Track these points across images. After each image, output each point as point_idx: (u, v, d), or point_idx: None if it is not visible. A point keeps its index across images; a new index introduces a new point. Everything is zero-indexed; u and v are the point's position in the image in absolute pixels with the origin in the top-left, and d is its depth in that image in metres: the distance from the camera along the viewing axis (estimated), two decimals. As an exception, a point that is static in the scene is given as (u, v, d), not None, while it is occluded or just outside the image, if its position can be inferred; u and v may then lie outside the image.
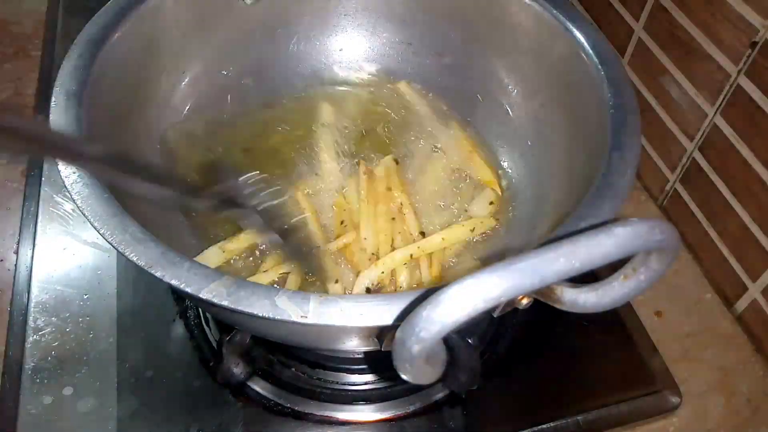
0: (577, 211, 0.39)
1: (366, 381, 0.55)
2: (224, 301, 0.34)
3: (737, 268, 0.61)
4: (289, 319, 0.33)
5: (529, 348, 0.58)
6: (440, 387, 0.54)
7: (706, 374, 0.58)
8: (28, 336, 0.57)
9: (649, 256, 0.30)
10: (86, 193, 0.39)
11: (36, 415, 0.52)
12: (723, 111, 0.59)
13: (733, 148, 0.59)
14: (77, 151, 0.36)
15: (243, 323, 0.46)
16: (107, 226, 0.37)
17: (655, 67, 0.67)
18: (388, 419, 0.53)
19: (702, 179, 0.64)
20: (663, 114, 0.68)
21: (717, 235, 0.64)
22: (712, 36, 0.58)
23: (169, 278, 0.35)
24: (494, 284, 0.25)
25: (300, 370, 0.55)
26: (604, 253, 0.26)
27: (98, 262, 0.62)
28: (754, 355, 0.60)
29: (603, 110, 0.46)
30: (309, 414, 0.53)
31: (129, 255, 0.36)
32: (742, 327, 0.62)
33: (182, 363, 0.55)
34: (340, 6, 0.64)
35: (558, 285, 0.33)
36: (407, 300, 0.33)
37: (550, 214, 0.52)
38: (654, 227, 0.27)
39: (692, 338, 0.61)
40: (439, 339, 0.26)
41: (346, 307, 0.33)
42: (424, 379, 0.30)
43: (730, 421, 0.56)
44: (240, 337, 0.52)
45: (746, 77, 0.56)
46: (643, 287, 0.31)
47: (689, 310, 0.63)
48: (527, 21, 0.55)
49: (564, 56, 0.52)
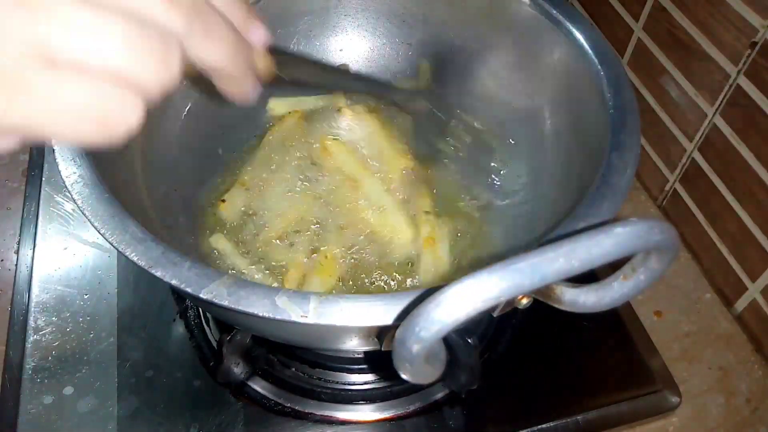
0: (577, 211, 0.39)
1: (366, 380, 0.55)
2: (224, 301, 0.33)
3: (737, 268, 0.61)
4: (289, 318, 0.33)
5: (529, 348, 0.58)
6: (440, 387, 0.54)
7: (705, 374, 0.58)
8: (28, 336, 0.57)
9: (648, 256, 0.30)
10: (87, 193, 0.39)
11: (36, 415, 0.52)
12: (722, 111, 0.59)
13: (732, 148, 0.59)
14: None
15: (243, 323, 0.46)
16: (107, 226, 0.37)
17: (655, 68, 0.67)
18: (388, 419, 0.53)
19: (701, 179, 0.64)
20: (662, 114, 0.68)
21: (716, 235, 0.64)
22: (712, 36, 0.58)
23: (169, 278, 0.35)
24: (494, 284, 0.25)
25: (300, 369, 0.55)
26: (604, 253, 0.26)
27: (98, 262, 0.62)
28: (753, 355, 0.60)
29: (602, 110, 0.46)
30: (309, 414, 0.53)
31: (129, 255, 0.36)
32: (742, 327, 0.62)
33: (182, 363, 0.55)
34: (340, 6, 0.64)
35: (558, 285, 0.33)
36: (407, 300, 0.33)
37: (549, 214, 0.52)
38: (653, 227, 0.27)
39: (692, 338, 0.61)
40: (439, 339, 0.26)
41: (346, 307, 0.33)
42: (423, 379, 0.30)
43: (729, 420, 0.56)
44: (240, 336, 0.52)
45: (746, 77, 0.56)
46: (643, 287, 0.31)
47: (689, 310, 0.63)
48: (527, 21, 0.55)
49: (563, 56, 0.52)
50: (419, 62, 0.67)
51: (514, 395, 0.55)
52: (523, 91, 0.59)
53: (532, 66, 0.57)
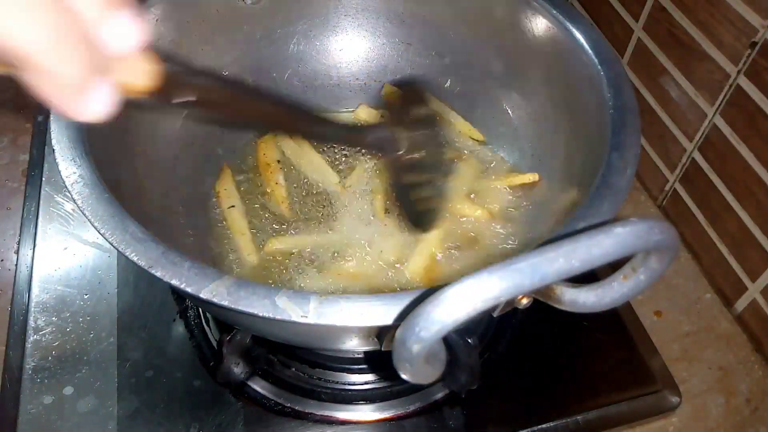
0: (577, 210, 0.39)
1: (366, 381, 0.55)
2: (224, 300, 0.33)
3: (737, 268, 0.61)
4: (289, 318, 0.33)
5: (529, 348, 0.58)
6: (440, 387, 0.54)
7: (705, 374, 0.58)
8: (28, 336, 0.57)
9: (648, 256, 0.30)
10: (87, 193, 0.39)
11: (36, 415, 0.52)
12: (722, 111, 0.59)
13: (732, 148, 0.58)
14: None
15: (243, 323, 0.46)
16: (107, 226, 0.37)
17: (655, 67, 0.67)
18: (388, 419, 0.53)
19: (701, 179, 0.64)
20: (662, 114, 0.68)
21: (716, 234, 0.63)
22: (712, 36, 0.58)
23: (169, 278, 0.35)
24: (494, 284, 0.25)
25: (300, 369, 0.55)
26: (604, 253, 0.26)
27: (98, 262, 0.62)
28: (753, 355, 0.60)
29: (602, 110, 0.46)
30: (309, 414, 0.53)
31: (129, 255, 0.36)
32: (742, 327, 0.62)
33: (182, 363, 0.55)
34: (340, 6, 0.64)
35: (558, 285, 0.33)
36: (407, 300, 0.33)
37: (549, 214, 0.52)
38: (653, 227, 0.27)
39: (692, 338, 0.61)
40: (439, 339, 0.26)
41: (346, 307, 0.33)
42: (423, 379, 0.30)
43: (729, 420, 0.55)
44: (240, 336, 0.52)
45: (746, 77, 0.55)
46: (643, 287, 0.31)
47: (689, 310, 0.63)
48: (527, 21, 0.55)
49: (563, 56, 0.52)
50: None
51: (514, 395, 0.55)
52: (523, 91, 0.59)
53: (532, 66, 0.57)
